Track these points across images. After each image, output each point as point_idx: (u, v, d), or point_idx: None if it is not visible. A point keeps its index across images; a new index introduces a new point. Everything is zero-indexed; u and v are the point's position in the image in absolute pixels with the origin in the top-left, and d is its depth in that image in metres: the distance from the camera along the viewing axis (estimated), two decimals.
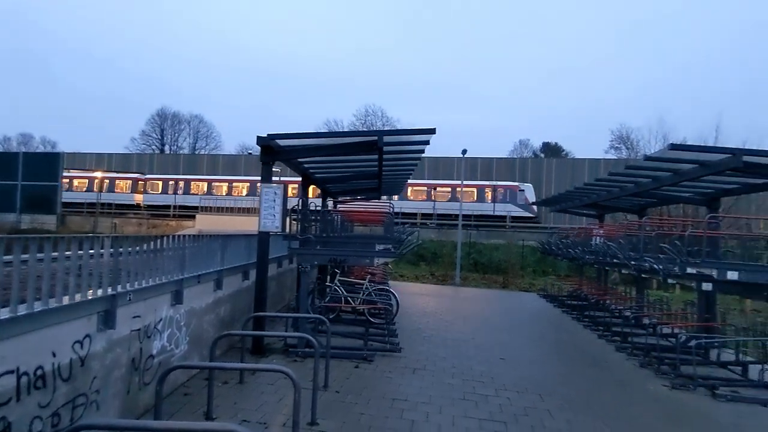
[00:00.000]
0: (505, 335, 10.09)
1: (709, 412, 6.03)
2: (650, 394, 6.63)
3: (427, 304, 14.20)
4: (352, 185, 14.01)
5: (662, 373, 7.51)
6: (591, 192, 12.10)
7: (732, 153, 6.44)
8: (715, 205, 9.41)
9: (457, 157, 28.67)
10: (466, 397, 6.08)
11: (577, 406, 5.95)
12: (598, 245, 10.80)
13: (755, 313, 13.33)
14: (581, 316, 12.41)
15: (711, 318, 8.97)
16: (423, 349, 8.42)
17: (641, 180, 8.97)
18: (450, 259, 23.98)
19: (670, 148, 6.80)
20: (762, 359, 7.66)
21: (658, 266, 7.37)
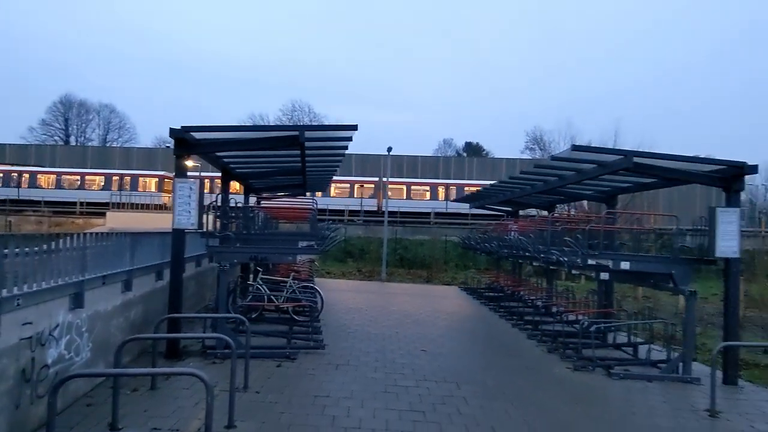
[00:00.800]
0: (428, 328, 10.42)
1: (604, 390, 6.65)
2: (555, 377, 7.18)
3: (352, 300, 14.27)
4: (275, 181, 13.72)
5: (567, 357, 8.15)
6: (506, 189, 12.82)
7: (624, 155, 7.13)
8: (612, 202, 10.37)
9: (383, 154, 29.01)
10: (388, 389, 6.21)
11: (490, 392, 6.29)
12: (513, 240, 11.47)
13: (645, 299, 14.84)
14: (498, 307, 13.12)
15: (608, 304, 9.88)
16: (347, 345, 8.47)
17: (549, 179, 9.66)
18: (376, 255, 24.25)
19: (573, 149, 7.39)
20: (649, 340, 8.58)
21: (563, 258, 7.99)
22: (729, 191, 7.20)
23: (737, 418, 5.76)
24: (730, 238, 6.85)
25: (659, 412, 5.85)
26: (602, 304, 9.94)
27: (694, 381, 7.01)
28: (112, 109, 61.57)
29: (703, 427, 5.45)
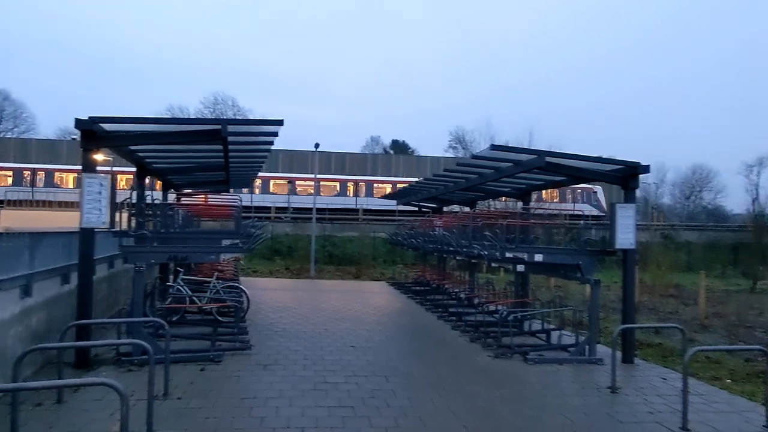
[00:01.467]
0: (357, 324, 10.51)
1: (521, 375, 7.11)
2: (478, 365, 7.56)
3: (281, 298, 14.03)
4: (196, 177, 13.10)
5: (488, 346, 8.60)
6: (431, 186, 13.23)
7: (538, 154, 7.66)
8: (527, 199, 11.08)
9: (311, 150, 28.68)
10: (317, 387, 6.21)
11: (418, 383, 6.50)
12: (438, 235, 11.87)
13: (557, 288, 16.02)
14: (424, 301, 13.53)
15: (525, 294, 10.56)
16: (275, 345, 8.33)
17: (471, 176, 10.12)
18: (305, 252, 23.96)
19: (492, 148, 7.81)
20: (560, 326, 9.29)
21: (484, 252, 8.42)
22: (626, 189, 7.99)
23: (633, 392, 6.42)
24: (628, 231, 7.61)
25: (569, 392, 6.37)
26: (519, 295, 10.60)
27: (598, 362, 7.70)
28: (6, 96, 55.24)
29: (606, 402, 6.01)
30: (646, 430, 5.15)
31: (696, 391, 6.35)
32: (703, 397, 6.24)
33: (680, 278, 19.72)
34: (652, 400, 6.11)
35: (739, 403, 6.13)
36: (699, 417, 5.48)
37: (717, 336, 10.48)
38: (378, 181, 36.67)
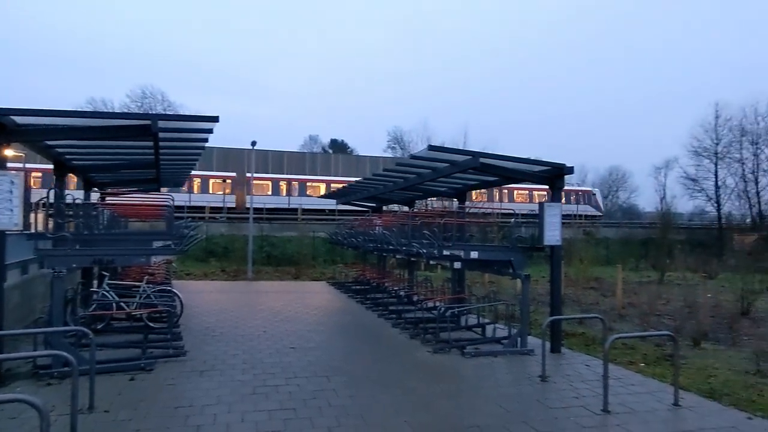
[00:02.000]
0: (297, 324, 10.39)
1: (458, 368, 7.37)
2: (417, 360, 7.74)
3: (217, 301, 13.56)
4: (123, 175, 12.35)
5: (427, 341, 8.83)
6: (370, 186, 13.33)
7: (472, 155, 7.95)
8: (463, 198, 11.46)
9: (247, 148, 27.88)
10: (257, 390, 6.09)
11: (359, 381, 6.55)
12: (377, 234, 11.99)
13: (491, 283, 16.71)
14: (364, 299, 13.61)
15: (461, 291, 10.92)
16: (211, 349, 8.05)
17: (409, 176, 10.32)
18: (242, 253, 23.29)
19: (429, 149, 8.02)
20: (494, 320, 9.71)
21: (422, 250, 8.62)
22: (553, 188, 8.51)
23: (561, 380, 6.85)
24: (554, 228, 8.11)
25: (503, 382, 6.68)
26: (456, 291, 10.95)
27: (529, 352, 8.14)
28: None
29: (536, 390, 6.37)
30: (572, 414, 5.51)
31: (615, 376, 6.89)
32: (621, 381, 6.78)
33: (600, 271, 21.23)
34: (578, 386, 6.55)
35: (652, 384, 6.72)
36: (618, 399, 5.96)
37: (632, 324, 11.41)
38: (312, 181, 36.36)
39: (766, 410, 5.76)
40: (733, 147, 42.60)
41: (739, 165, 42.50)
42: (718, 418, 5.49)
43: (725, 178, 42.77)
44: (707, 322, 10.37)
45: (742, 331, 10.32)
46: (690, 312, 11.02)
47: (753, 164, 42.16)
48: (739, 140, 42.44)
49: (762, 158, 42.03)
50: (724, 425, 5.27)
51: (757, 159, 42.07)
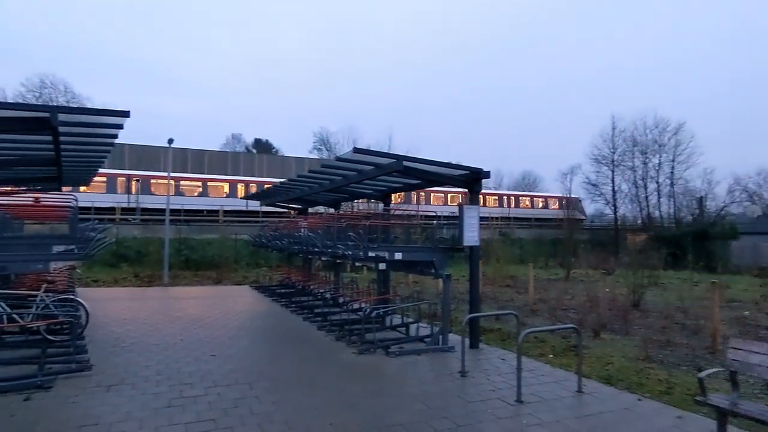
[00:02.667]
0: (217, 331, 9.99)
1: (383, 368, 7.50)
2: (342, 362, 7.77)
3: (128, 309, 12.66)
4: (17, 173, 11.11)
5: (352, 343, 8.88)
6: (295, 187, 13.15)
7: (396, 158, 8.14)
8: (387, 200, 11.67)
9: (163, 146, 26.29)
10: (172, 403, 5.78)
11: (283, 386, 6.45)
12: (303, 236, 11.85)
13: (415, 284, 17.16)
14: (289, 303, 13.39)
15: (386, 291, 11.11)
16: (121, 361, 7.52)
17: (335, 178, 10.33)
18: (157, 257, 21.92)
19: (354, 151, 8.09)
20: (417, 319, 9.98)
21: (348, 252, 8.66)
22: (471, 192, 8.93)
23: (479, 374, 7.21)
24: (473, 229, 8.52)
25: (425, 379, 6.90)
26: (381, 292, 11.12)
27: (450, 349, 8.47)
28: None
29: (457, 386, 6.65)
30: (489, 406, 5.83)
31: (527, 368, 7.37)
32: (533, 372, 7.28)
33: (515, 270, 22.58)
34: (494, 380, 6.94)
35: (559, 373, 7.29)
36: (530, 389, 6.39)
37: (542, 318, 12.27)
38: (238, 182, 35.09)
39: (653, 392, 6.48)
40: (627, 156, 47.42)
41: (631, 172, 47.38)
42: (614, 401, 6.08)
43: (620, 183, 47.46)
44: (605, 314, 11.41)
45: (633, 321, 11.49)
46: (591, 306, 12.06)
47: (643, 171, 47.19)
48: (631, 150, 47.29)
49: (650, 166, 47.14)
50: (619, 407, 5.85)
51: (645, 167, 47.13)
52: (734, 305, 14.51)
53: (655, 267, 19.61)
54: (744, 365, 4.85)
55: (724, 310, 12.53)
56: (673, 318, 11.80)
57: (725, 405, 4.73)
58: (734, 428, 5.06)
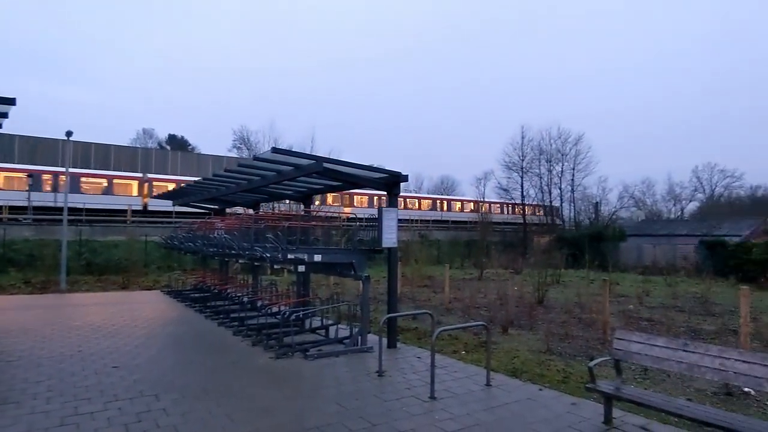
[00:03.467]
0: (121, 340, 9.30)
1: (301, 371, 7.42)
2: (259, 368, 7.57)
3: (16, 319, 11.38)
4: None
5: (270, 347, 8.68)
6: (211, 187, 12.60)
7: (316, 159, 8.10)
8: (308, 201, 11.56)
9: (62, 139, 23.95)
10: (65, 421, 5.30)
11: (193, 396, 6.15)
12: (218, 237, 11.39)
13: (335, 285, 17.17)
14: (204, 308, 12.80)
15: (306, 294, 11.00)
16: (5, 378, 6.75)
17: (253, 178, 10.04)
18: (54, 261, 19.92)
19: (273, 151, 7.92)
20: (337, 321, 10.01)
21: (266, 254, 8.46)
22: (390, 194, 9.12)
23: (396, 373, 7.37)
24: (391, 231, 8.71)
25: (343, 380, 6.93)
26: (301, 294, 11.00)
27: (369, 350, 8.58)
28: None
29: (374, 386, 6.75)
30: (404, 404, 5.99)
31: (441, 365, 7.67)
32: (446, 369, 7.58)
33: (432, 270, 23.36)
34: (410, 378, 7.14)
35: (470, 369, 7.66)
36: (443, 385, 6.65)
37: (456, 316, 12.82)
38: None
39: (552, 381, 7.03)
40: (534, 163, 51.27)
41: (538, 179, 51.22)
42: (518, 392, 6.52)
43: (528, 189, 51.05)
44: (513, 311, 12.18)
45: (538, 317, 12.36)
46: (501, 304, 12.82)
47: (547, 178, 51.26)
48: (538, 158, 51.20)
49: (554, 173, 51.33)
50: (523, 398, 6.28)
51: (550, 174, 51.37)
52: (622, 300, 16.14)
53: (558, 266, 21.25)
54: (626, 354, 5.43)
55: (613, 304, 13.91)
56: (572, 313, 12.87)
57: (610, 390, 5.26)
58: (618, 410, 5.64)
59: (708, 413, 4.65)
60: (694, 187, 70.09)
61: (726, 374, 4.62)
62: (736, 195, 66.06)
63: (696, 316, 13.04)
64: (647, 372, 7.54)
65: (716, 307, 14.44)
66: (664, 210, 67.59)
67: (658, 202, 69.16)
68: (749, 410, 6.02)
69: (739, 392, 6.57)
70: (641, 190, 67.76)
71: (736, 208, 56.83)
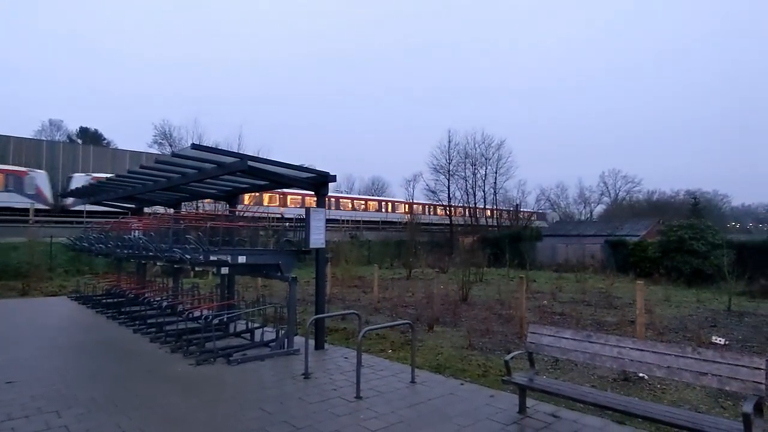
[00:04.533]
0: (18, 353, 8.44)
1: (223, 377, 7.15)
2: (177, 375, 7.20)
3: None
4: None
5: (190, 353, 8.29)
6: (127, 184, 11.78)
7: (240, 157, 7.83)
8: (233, 201, 11.16)
9: None
10: None
11: (101, 410, 5.72)
12: (134, 239, 10.67)
13: (264, 287, 16.74)
14: (118, 314, 11.96)
15: (231, 296, 10.62)
16: None
17: (173, 175, 9.51)
18: None
19: (193, 147, 7.54)
20: (263, 323, 9.76)
21: (186, 256, 8.06)
22: (318, 195, 9.06)
23: (323, 375, 7.33)
24: (319, 232, 8.65)
25: (267, 385, 6.78)
26: (225, 297, 10.60)
27: (295, 352, 8.44)
28: None
29: (299, 388, 6.66)
30: (330, 405, 5.97)
31: (368, 364, 7.75)
32: (373, 368, 7.66)
33: (363, 271, 23.48)
34: (336, 379, 7.13)
35: (396, 367, 7.80)
36: (369, 385, 6.72)
37: (385, 316, 12.99)
38: None
39: (473, 375, 7.34)
40: (460, 166, 53.40)
41: (463, 181, 53.34)
42: (441, 387, 6.73)
43: (455, 191, 52.99)
44: (439, 309, 12.56)
45: (462, 314, 12.85)
46: (427, 302, 13.16)
47: (472, 181, 53.56)
48: (463, 161, 53.29)
49: (478, 177, 53.71)
50: (445, 393, 6.50)
51: (474, 177, 53.70)
52: (537, 296, 17.20)
53: (481, 265, 22.21)
54: (538, 346, 5.80)
55: (530, 300, 14.78)
56: (493, 309, 13.50)
57: (524, 381, 5.60)
58: (532, 400, 6.02)
59: (608, 398, 5.09)
60: (601, 191, 76.99)
61: (623, 362, 5.09)
62: (636, 199, 73.48)
63: (601, 309, 14.20)
64: (558, 362, 8.09)
65: (618, 300, 15.81)
66: (576, 212, 73.11)
67: (570, 205, 74.67)
68: (643, 393, 6.66)
69: (635, 377, 7.25)
70: (556, 193, 72.93)
71: (636, 210, 62.98)
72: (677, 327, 11.55)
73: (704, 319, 12.84)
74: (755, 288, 18.32)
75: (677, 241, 23.66)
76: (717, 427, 4.16)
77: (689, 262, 22.92)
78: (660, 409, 4.71)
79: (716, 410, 6.07)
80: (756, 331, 11.26)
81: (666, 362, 4.72)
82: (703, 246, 22.83)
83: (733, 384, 4.31)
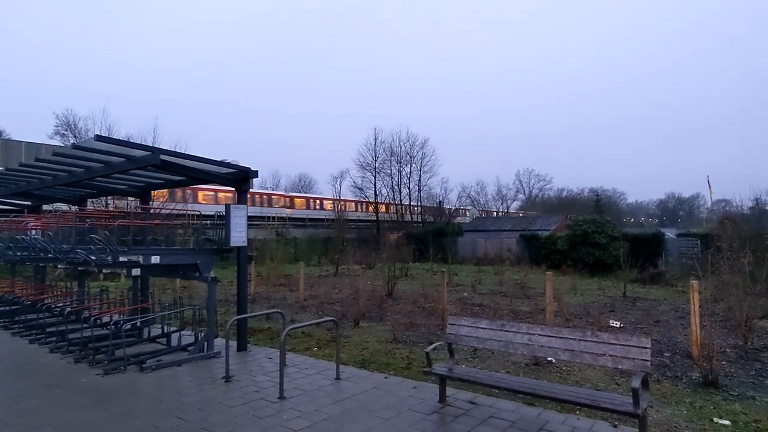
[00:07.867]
0: None
1: (135, 386, 6.71)
2: (82, 387, 6.65)
3: None
4: None
5: (97, 363, 7.69)
6: (20, 179, 10.61)
7: (152, 151, 7.34)
8: (146, 197, 10.47)
9: None
10: None
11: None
12: (29, 239, 9.65)
13: (183, 289, 15.89)
14: (11, 323, 10.82)
15: (144, 299, 9.97)
16: None
17: (76, 170, 8.72)
18: None
19: (96, 139, 6.94)
20: (180, 327, 9.28)
21: (91, 257, 7.45)
22: (239, 191, 8.76)
23: (245, 377, 7.12)
24: (240, 230, 8.37)
25: (185, 391, 6.46)
26: (138, 300, 9.94)
27: (216, 355, 8.13)
28: None
29: (220, 393, 6.42)
30: (252, 407, 5.82)
31: (293, 363, 7.65)
32: (298, 366, 7.58)
33: (289, 269, 23.09)
34: (259, 380, 6.96)
35: (322, 364, 7.78)
36: (293, 384, 6.64)
37: (311, 313, 12.88)
38: None
39: (397, 368, 7.52)
40: (386, 164, 54.23)
41: (389, 178, 54.19)
42: (366, 382, 6.82)
43: (381, 188, 53.67)
44: (365, 305, 12.68)
45: (387, 309, 13.08)
46: (354, 298, 13.23)
47: (398, 178, 54.62)
48: (389, 159, 54.19)
49: (403, 174, 54.92)
50: (370, 387, 6.59)
51: (400, 174, 54.90)
52: (459, 288, 17.95)
53: (406, 260, 22.72)
54: (457, 337, 6.07)
55: (451, 293, 15.40)
56: (417, 303, 13.89)
57: (443, 372, 5.83)
58: (452, 389, 6.28)
59: (520, 382, 5.45)
60: (516, 188, 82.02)
61: (532, 347, 5.47)
62: (547, 196, 79.43)
63: (516, 300, 15.12)
64: (476, 351, 8.51)
65: (532, 290, 16.92)
66: (494, 208, 77.02)
67: (489, 201, 78.51)
68: (551, 375, 7.21)
69: (545, 362, 7.82)
70: (476, 190, 76.39)
71: (547, 206, 67.93)
72: (581, 313, 12.59)
73: (604, 305, 14.11)
74: (646, 275, 20.48)
75: (582, 234, 25.73)
76: (612, 401, 4.62)
77: (592, 253, 25.03)
78: (564, 390, 5.13)
79: (612, 387, 6.72)
80: (646, 314, 12.58)
81: (569, 346, 5.15)
82: (604, 239, 25.03)
83: (625, 363, 4.80)
